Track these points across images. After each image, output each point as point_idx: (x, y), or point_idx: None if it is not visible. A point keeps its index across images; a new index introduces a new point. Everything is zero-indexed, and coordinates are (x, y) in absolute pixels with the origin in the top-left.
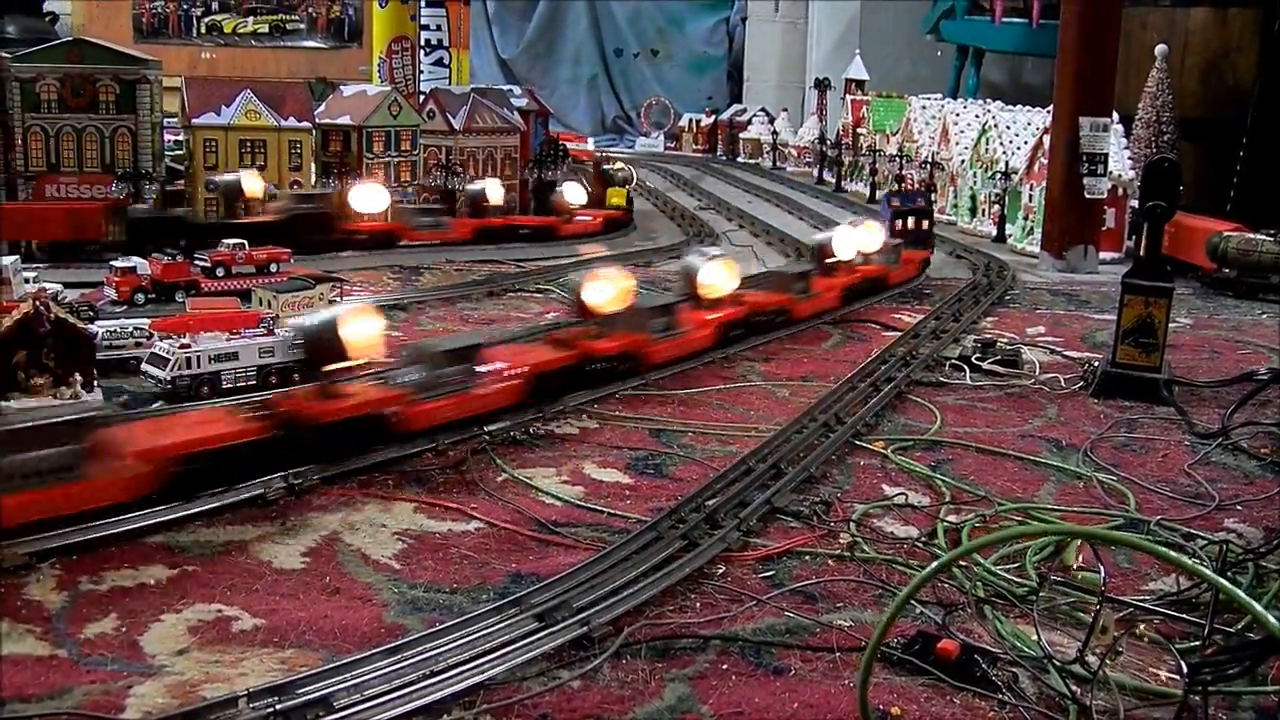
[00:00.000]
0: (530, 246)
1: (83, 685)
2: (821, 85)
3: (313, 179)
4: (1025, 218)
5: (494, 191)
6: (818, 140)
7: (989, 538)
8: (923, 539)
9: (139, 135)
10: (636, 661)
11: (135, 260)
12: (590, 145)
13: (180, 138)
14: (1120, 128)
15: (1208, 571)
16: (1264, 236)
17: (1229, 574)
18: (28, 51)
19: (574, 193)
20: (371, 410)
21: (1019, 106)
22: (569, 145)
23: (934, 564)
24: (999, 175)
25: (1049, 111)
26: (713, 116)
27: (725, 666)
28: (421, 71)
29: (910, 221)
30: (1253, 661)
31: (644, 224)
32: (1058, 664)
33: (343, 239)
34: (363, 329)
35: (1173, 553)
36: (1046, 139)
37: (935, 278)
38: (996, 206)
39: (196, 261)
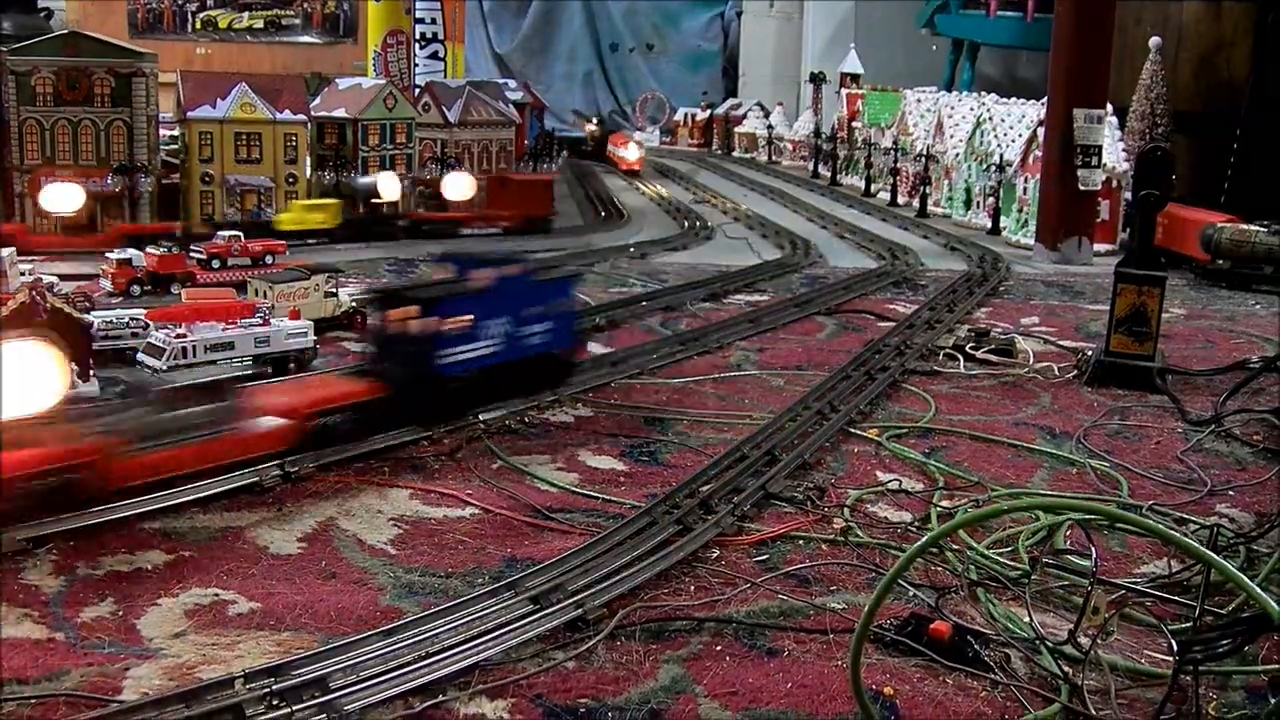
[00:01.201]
0: None
1: (80, 668)
2: (816, 79)
3: (308, 172)
4: (1020, 210)
5: None
6: (813, 134)
7: (977, 513)
8: (916, 523)
9: (134, 129)
10: (631, 643)
11: (131, 252)
12: (632, 154)
13: (175, 132)
14: (1114, 120)
15: (1200, 547)
16: (1257, 228)
17: (1220, 557)
18: (24, 44)
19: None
20: None
21: (1013, 99)
22: (618, 152)
23: (921, 540)
24: (994, 168)
25: (1043, 104)
26: (708, 111)
27: (719, 648)
28: (416, 65)
29: (400, 316)
30: (1243, 639)
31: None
32: (1050, 645)
33: None
34: None
35: (1162, 526)
36: (1041, 132)
37: (931, 269)
38: (991, 199)
39: (192, 253)
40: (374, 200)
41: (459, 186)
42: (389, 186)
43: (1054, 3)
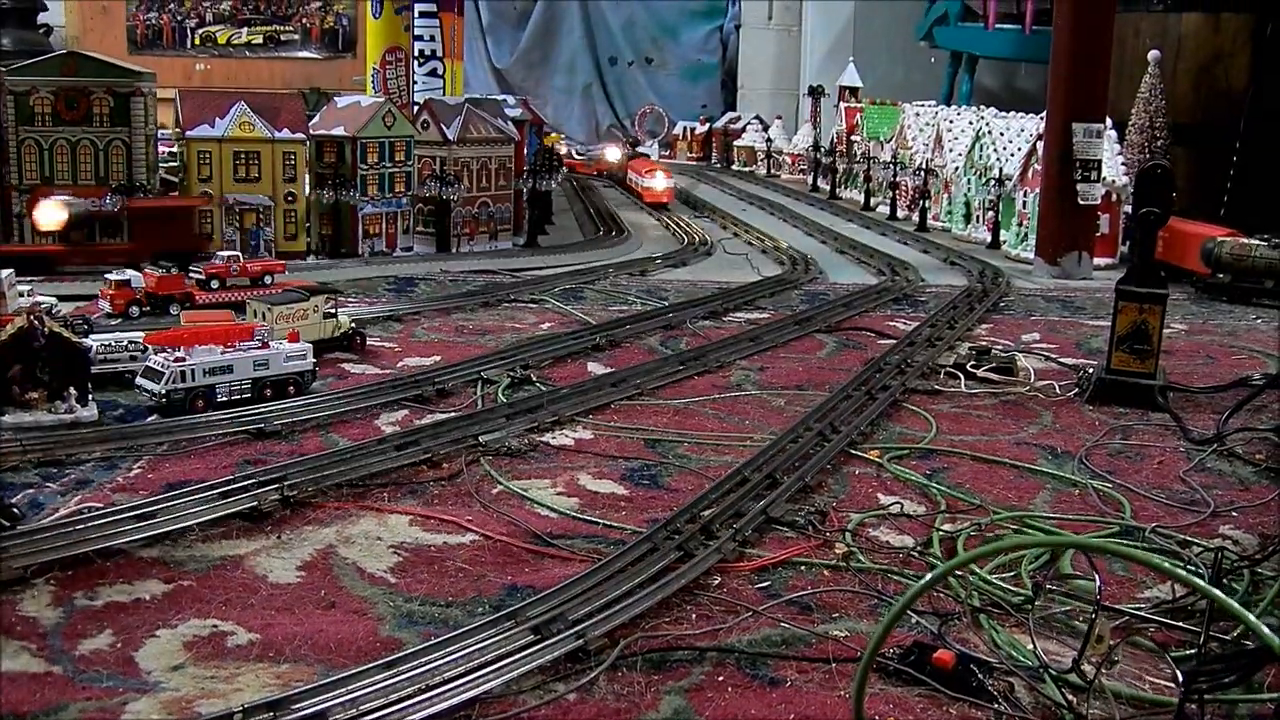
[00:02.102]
0: None
1: (78, 701)
2: (815, 92)
3: (307, 190)
4: (1019, 224)
5: None
6: (812, 148)
7: (986, 548)
8: (919, 548)
9: (133, 148)
10: (632, 674)
11: (129, 273)
12: (660, 184)
13: (174, 150)
14: (1114, 133)
15: (1200, 581)
16: (1258, 242)
17: (1224, 581)
18: (22, 64)
19: None
20: None
21: (1012, 113)
22: (642, 181)
23: (928, 576)
24: (993, 182)
25: (1042, 118)
26: (707, 124)
27: (721, 678)
28: (415, 82)
29: None
30: (1248, 670)
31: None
32: (1053, 673)
33: None
34: None
35: (1165, 563)
36: (1040, 145)
37: (931, 285)
38: (990, 213)
39: (191, 274)
40: None
41: (49, 215)
42: None
43: (1053, 15)
